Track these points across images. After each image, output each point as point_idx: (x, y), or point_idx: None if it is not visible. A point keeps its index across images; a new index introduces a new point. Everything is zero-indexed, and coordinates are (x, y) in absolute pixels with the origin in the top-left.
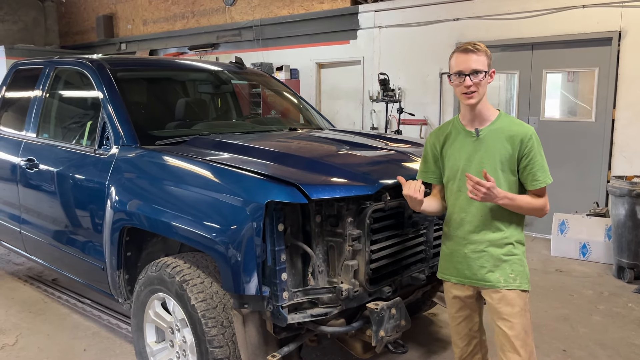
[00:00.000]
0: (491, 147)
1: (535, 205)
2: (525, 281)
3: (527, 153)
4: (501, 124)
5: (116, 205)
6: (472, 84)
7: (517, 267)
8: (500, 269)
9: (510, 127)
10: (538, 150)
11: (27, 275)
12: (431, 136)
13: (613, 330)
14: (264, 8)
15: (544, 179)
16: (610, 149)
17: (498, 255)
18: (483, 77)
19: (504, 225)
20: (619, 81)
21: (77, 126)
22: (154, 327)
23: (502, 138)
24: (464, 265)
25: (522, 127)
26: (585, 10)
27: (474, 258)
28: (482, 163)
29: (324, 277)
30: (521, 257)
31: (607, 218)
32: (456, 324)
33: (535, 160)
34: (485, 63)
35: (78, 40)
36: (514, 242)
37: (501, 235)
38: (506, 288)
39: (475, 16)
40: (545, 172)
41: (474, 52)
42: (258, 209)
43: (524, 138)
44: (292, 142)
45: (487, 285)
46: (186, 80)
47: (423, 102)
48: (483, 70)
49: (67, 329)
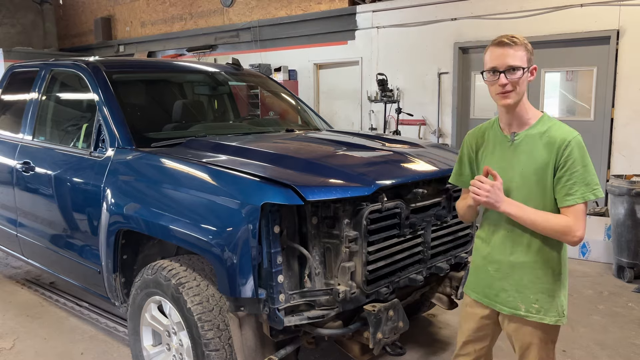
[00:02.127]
0: (526, 156)
1: (554, 224)
2: (554, 314)
3: (563, 162)
4: (541, 128)
5: (112, 208)
6: (508, 82)
7: (544, 296)
8: (524, 295)
9: (550, 132)
10: (580, 160)
11: (24, 279)
12: (468, 136)
13: (613, 330)
14: (261, 9)
15: (583, 193)
16: (609, 148)
17: (522, 280)
18: (521, 74)
19: (536, 246)
20: (617, 80)
21: (73, 129)
22: (151, 330)
23: (539, 144)
24: (486, 283)
25: (562, 132)
26: (583, 9)
27: (497, 278)
28: (515, 173)
29: (320, 279)
30: (552, 286)
31: (607, 217)
32: (463, 340)
33: (574, 171)
34: (525, 58)
35: (76, 42)
36: (546, 268)
37: (530, 259)
38: (526, 318)
39: (473, 16)
40: (588, 185)
41: (511, 46)
42: (254, 210)
43: (562, 144)
44: (289, 144)
45: (506, 311)
46: (183, 82)
47: (421, 103)
48: (521, 66)
49: (64, 333)
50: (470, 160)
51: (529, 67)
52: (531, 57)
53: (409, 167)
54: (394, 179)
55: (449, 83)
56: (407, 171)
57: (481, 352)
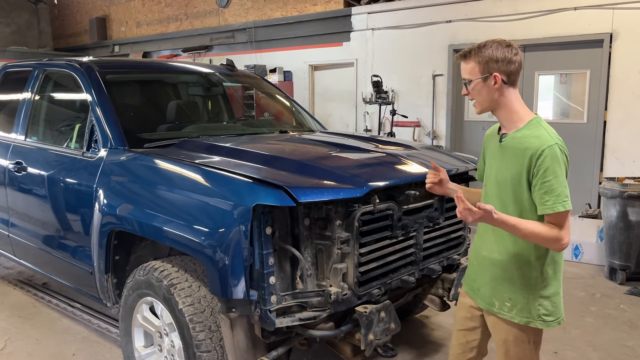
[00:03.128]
0: (507, 158)
1: (542, 235)
2: (525, 315)
3: (536, 172)
4: (524, 133)
5: (104, 209)
6: (467, 93)
7: (518, 297)
8: (498, 292)
9: (528, 139)
10: (551, 170)
11: (17, 279)
12: (485, 134)
13: (605, 332)
14: (257, 10)
15: (553, 204)
16: (602, 151)
17: (500, 277)
18: (475, 84)
19: (511, 246)
20: (610, 83)
21: (65, 129)
22: (143, 331)
23: (517, 150)
24: (472, 276)
25: (538, 141)
26: (577, 13)
27: (480, 273)
28: (498, 173)
29: (312, 281)
30: (529, 288)
31: (599, 220)
32: (457, 329)
33: (545, 181)
34: (475, 69)
35: (71, 42)
36: (524, 270)
37: (508, 258)
38: (498, 315)
39: (468, 18)
40: (557, 196)
41: (464, 59)
42: (246, 212)
43: (534, 154)
44: (282, 145)
45: (482, 305)
46: (176, 83)
47: (416, 104)
48: (469, 79)
49: (56, 334)
50: (484, 157)
51: (484, 77)
52: (485, 66)
53: (402, 169)
54: (386, 181)
55: (443, 85)
56: (399, 173)
57: (473, 343)
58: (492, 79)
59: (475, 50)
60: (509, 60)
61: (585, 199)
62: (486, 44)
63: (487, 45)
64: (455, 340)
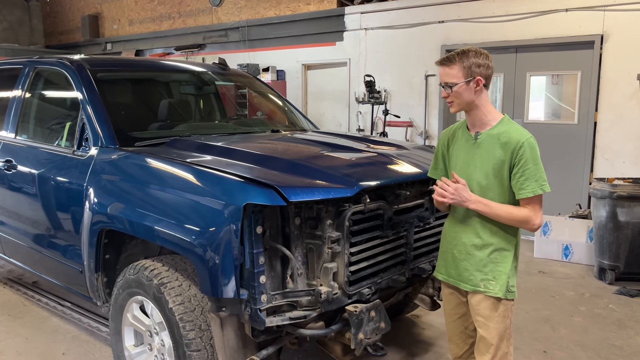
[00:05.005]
0: (486, 152)
1: (516, 216)
2: (505, 290)
3: (517, 161)
4: (500, 129)
5: (95, 207)
6: (447, 95)
7: (500, 274)
8: (482, 273)
9: (507, 134)
10: (531, 159)
11: (6, 278)
12: (442, 134)
13: (594, 332)
14: (250, 9)
15: (533, 188)
16: (592, 151)
17: (481, 260)
18: (458, 88)
19: (491, 231)
20: (601, 84)
21: (56, 127)
22: (133, 330)
23: (496, 144)
24: (452, 264)
25: (517, 134)
26: (568, 14)
27: (460, 259)
28: (476, 167)
29: (303, 280)
30: (506, 265)
31: (589, 220)
32: (452, 321)
33: (526, 169)
34: (460, 74)
35: (63, 40)
36: (500, 249)
37: (486, 241)
38: (485, 293)
39: (460, 19)
40: (537, 181)
41: (447, 64)
42: (236, 211)
43: (516, 146)
44: (273, 144)
45: (468, 288)
46: (168, 81)
47: (409, 104)
48: (454, 83)
49: (46, 333)
50: (444, 156)
51: (468, 80)
52: (469, 70)
53: (393, 169)
54: (377, 181)
55: (435, 85)
56: (390, 172)
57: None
58: (474, 82)
59: (460, 56)
60: (487, 66)
61: (575, 199)
62: (468, 50)
63: (469, 52)
64: (453, 332)
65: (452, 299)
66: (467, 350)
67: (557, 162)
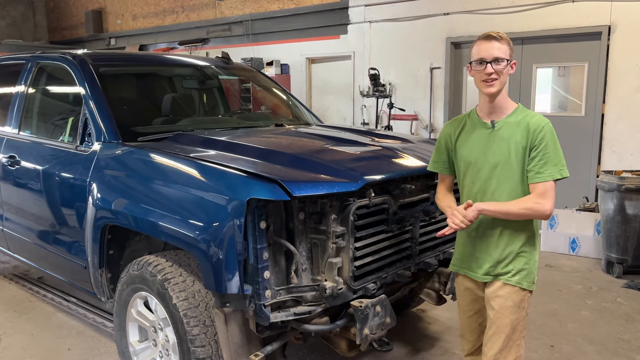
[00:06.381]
0: (505, 139)
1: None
2: (527, 280)
3: (537, 144)
4: (517, 116)
5: (98, 203)
6: (494, 71)
7: (520, 265)
8: (502, 264)
9: (526, 119)
10: (551, 143)
11: (12, 274)
12: (446, 127)
13: (601, 326)
14: (254, 3)
15: (552, 172)
16: (599, 144)
17: (502, 251)
18: (505, 65)
19: (511, 223)
20: (608, 76)
21: (59, 122)
22: (137, 326)
23: (516, 130)
24: (473, 258)
25: (536, 119)
26: (574, 5)
27: (481, 251)
28: (495, 155)
29: (307, 275)
30: (527, 256)
31: (597, 213)
32: (467, 317)
33: (546, 152)
34: (508, 52)
35: (67, 35)
36: (521, 240)
37: (508, 233)
38: (504, 282)
39: (466, 11)
40: (555, 165)
41: (498, 40)
42: (240, 206)
43: (537, 129)
44: (277, 139)
45: (488, 279)
46: (171, 76)
47: (414, 98)
48: (505, 58)
49: (51, 328)
50: (448, 150)
51: (510, 61)
52: (512, 52)
53: (398, 163)
54: (381, 175)
55: (441, 78)
56: (395, 166)
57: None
58: (513, 65)
59: (506, 36)
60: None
61: (582, 192)
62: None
63: None
64: (466, 328)
65: (467, 295)
66: (479, 347)
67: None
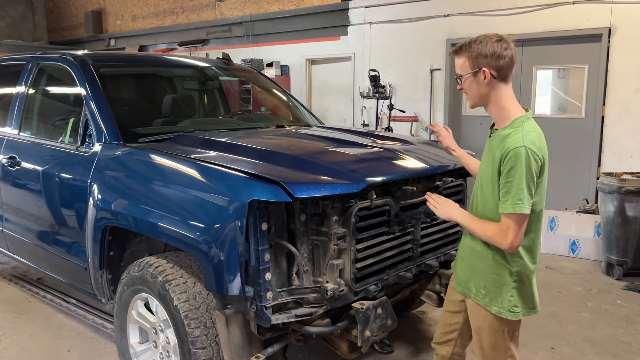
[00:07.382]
0: (492, 151)
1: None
2: (498, 306)
3: (504, 169)
4: (508, 130)
5: (98, 204)
6: (462, 87)
7: (492, 287)
8: (475, 278)
9: (508, 137)
10: (516, 171)
11: (11, 274)
12: None
13: (601, 327)
14: (254, 4)
15: (509, 204)
16: (600, 146)
17: (476, 266)
18: (465, 79)
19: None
20: (608, 78)
21: (60, 123)
22: (137, 327)
23: (499, 146)
24: (458, 263)
25: (513, 139)
26: (575, 7)
27: (460, 259)
28: (481, 167)
29: (308, 277)
30: (500, 279)
31: (597, 215)
32: (444, 310)
33: (508, 180)
34: (466, 65)
35: (67, 36)
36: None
37: (483, 247)
38: (475, 301)
39: (466, 12)
40: (512, 197)
41: (456, 54)
42: (241, 207)
43: (504, 153)
44: (278, 140)
45: (459, 290)
46: (171, 77)
47: (414, 99)
48: (461, 74)
49: (51, 329)
50: None
51: (474, 72)
52: (475, 61)
53: (399, 164)
54: (383, 176)
55: (441, 80)
56: (396, 168)
57: (455, 326)
58: (481, 73)
59: (466, 46)
60: (499, 55)
61: (582, 194)
62: (477, 39)
63: (478, 40)
64: (441, 319)
65: (450, 293)
66: (444, 341)
67: (564, 156)
